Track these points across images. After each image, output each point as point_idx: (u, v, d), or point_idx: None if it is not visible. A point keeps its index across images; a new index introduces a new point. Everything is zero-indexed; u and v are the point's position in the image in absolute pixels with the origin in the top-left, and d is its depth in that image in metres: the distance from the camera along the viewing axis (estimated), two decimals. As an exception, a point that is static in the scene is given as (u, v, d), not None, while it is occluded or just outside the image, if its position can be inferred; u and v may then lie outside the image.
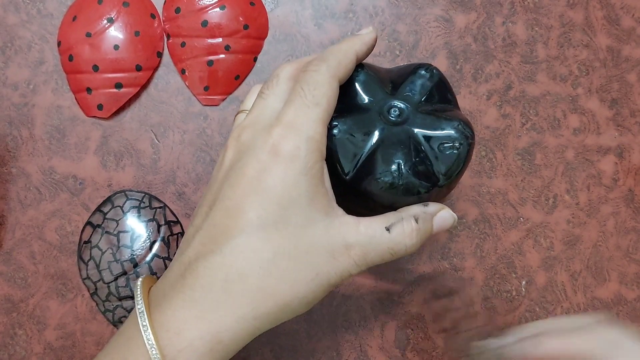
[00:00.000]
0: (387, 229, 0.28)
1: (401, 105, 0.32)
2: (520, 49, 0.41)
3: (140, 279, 0.28)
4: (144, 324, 0.25)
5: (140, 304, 0.26)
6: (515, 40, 0.41)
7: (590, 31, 0.42)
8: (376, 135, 0.32)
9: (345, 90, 0.30)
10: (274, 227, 0.26)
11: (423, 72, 0.32)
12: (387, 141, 0.32)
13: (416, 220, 0.28)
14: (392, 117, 0.32)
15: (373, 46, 0.31)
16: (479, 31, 0.41)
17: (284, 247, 0.26)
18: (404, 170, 0.31)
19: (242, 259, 0.26)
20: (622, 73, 0.42)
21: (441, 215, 0.30)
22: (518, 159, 0.40)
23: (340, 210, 0.28)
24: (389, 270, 0.39)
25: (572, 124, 0.41)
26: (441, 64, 0.41)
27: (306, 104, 0.27)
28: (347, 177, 0.32)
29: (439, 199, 0.32)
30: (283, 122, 0.27)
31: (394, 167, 0.31)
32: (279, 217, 0.26)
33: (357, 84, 0.32)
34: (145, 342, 0.25)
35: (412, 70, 0.33)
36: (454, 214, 0.30)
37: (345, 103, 0.31)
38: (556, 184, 0.40)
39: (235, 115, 0.32)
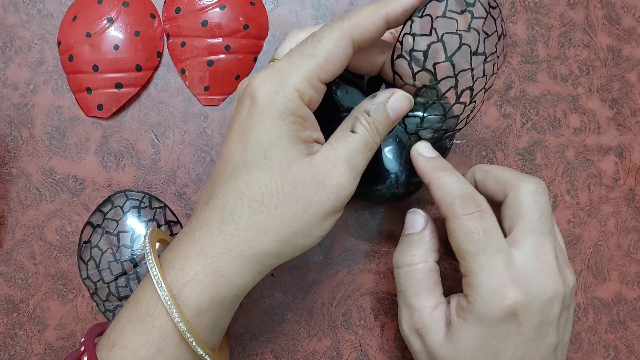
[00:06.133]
0: (353, 132, 0.28)
1: None
2: (520, 49, 0.41)
3: (149, 230, 0.31)
4: (150, 260, 0.27)
5: (148, 246, 0.29)
6: (515, 40, 0.41)
7: (590, 31, 0.42)
8: None
9: (329, 107, 0.30)
10: (259, 168, 0.27)
11: None
12: (379, 150, 0.33)
13: (368, 114, 0.29)
14: None
15: (415, 9, 0.28)
16: (479, 31, 0.41)
17: (270, 186, 0.27)
18: (401, 178, 0.32)
19: (232, 200, 0.27)
20: (622, 73, 0.41)
21: (394, 99, 0.29)
22: (518, 159, 0.40)
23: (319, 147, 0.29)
24: (388, 270, 0.39)
25: (573, 123, 0.41)
26: (441, 63, 0.41)
27: (302, 53, 0.27)
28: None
29: None
30: (271, 68, 0.28)
31: (392, 176, 0.33)
32: (262, 157, 0.27)
33: (338, 100, 0.32)
34: (152, 277, 0.27)
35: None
36: (408, 94, 0.30)
37: (334, 121, 0.31)
38: (557, 183, 0.40)
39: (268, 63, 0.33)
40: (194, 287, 0.27)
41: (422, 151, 0.31)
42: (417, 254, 0.31)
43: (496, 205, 0.31)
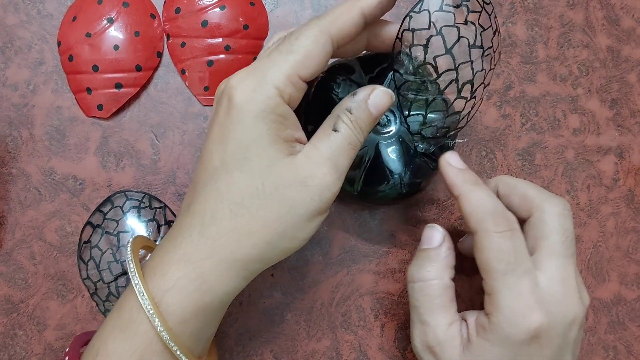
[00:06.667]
0: (336, 130, 0.28)
1: (388, 113, 0.33)
2: (520, 49, 0.41)
3: (131, 238, 0.30)
4: (132, 269, 0.27)
5: (129, 254, 0.28)
6: (515, 41, 0.41)
7: (590, 31, 0.42)
8: (370, 150, 0.33)
9: (329, 107, 0.30)
10: (238, 169, 0.26)
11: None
12: (382, 151, 0.33)
13: (350, 111, 0.28)
14: (381, 126, 0.33)
15: (389, 4, 0.28)
16: (479, 31, 0.41)
17: (251, 187, 0.26)
18: (405, 178, 0.33)
19: (213, 203, 0.27)
20: (622, 73, 0.42)
21: (374, 96, 0.29)
22: (518, 159, 0.40)
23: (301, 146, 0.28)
24: (388, 270, 0.39)
25: (572, 124, 0.41)
26: (441, 64, 0.41)
27: (280, 50, 0.27)
28: (355, 194, 0.33)
29: None
30: (249, 67, 0.27)
31: (396, 176, 0.33)
32: (241, 158, 0.26)
33: (339, 100, 0.32)
34: (134, 285, 0.26)
35: (390, 64, 0.32)
36: (389, 90, 0.29)
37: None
38: (556, 184, 0.40)
39: None
40: (176, 293, 0.26)
41: (453, 162, 0.31)
42: (432, 269, 0.31)
43: (519, 221, 0.31)
